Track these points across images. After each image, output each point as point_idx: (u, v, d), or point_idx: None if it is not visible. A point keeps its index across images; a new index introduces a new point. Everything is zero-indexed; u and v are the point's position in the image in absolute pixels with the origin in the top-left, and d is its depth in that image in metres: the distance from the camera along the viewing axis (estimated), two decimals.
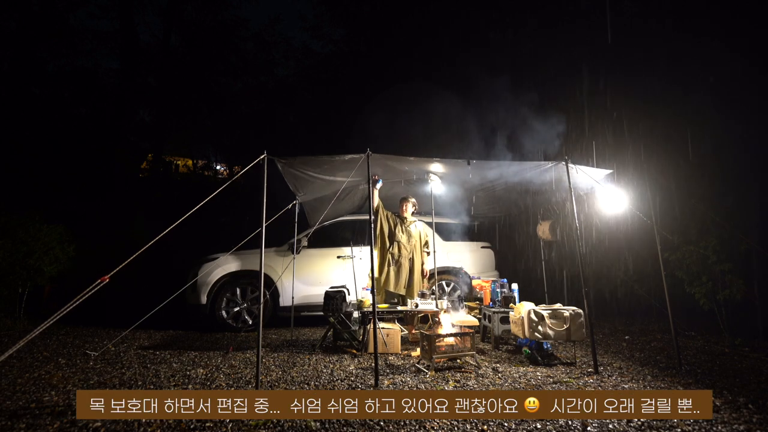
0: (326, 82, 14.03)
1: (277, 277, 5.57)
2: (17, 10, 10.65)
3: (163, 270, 7.10)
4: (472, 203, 5.87)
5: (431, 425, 2.41)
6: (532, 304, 4.05)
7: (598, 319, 6.26)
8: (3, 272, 5.52)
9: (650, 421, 2.44)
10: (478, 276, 6.09)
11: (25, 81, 10.80)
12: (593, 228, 6.40)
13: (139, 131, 13.23)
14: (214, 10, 13.51)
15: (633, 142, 6.49)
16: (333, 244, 5.93)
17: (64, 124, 10.76)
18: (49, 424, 2.43)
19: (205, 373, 3.52)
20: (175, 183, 13.15)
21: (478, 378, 3.37)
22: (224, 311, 5.55)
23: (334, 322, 4.43)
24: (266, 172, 3.47)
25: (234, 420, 2.42)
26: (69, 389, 3.07)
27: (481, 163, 4.28)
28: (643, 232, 5.37)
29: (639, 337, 5.07)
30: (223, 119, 14.27)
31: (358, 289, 5.11)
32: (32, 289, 6.00)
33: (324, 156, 3.98)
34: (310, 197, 5.28)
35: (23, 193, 8.15)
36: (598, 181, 4.35)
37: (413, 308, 4.45)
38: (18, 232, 5.67)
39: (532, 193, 5.20)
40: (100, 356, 4.09)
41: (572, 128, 7.81)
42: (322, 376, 3.42)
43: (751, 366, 3.75)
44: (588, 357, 3.99)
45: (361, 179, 4.85)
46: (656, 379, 3.34)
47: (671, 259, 4.98)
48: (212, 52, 13.53)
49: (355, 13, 14.15)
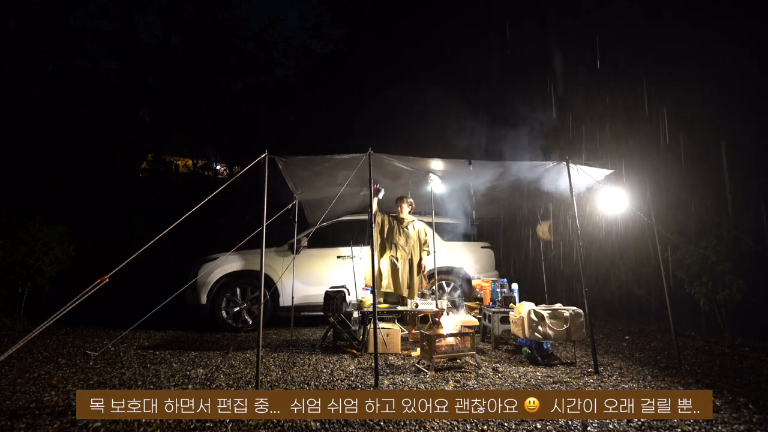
0: (326, 82, 14.03)
1: (277, 277, 5.57)
2: (17, 10, 10.65)
3: (163, 270, 7.10)
4: (472, 203, 5.86)
5: (431, 425, 2.41)
6: (532, 304, 4.05)
7: (598, 319, 6.25)
8: (3, 272, 5.52)
9: (650, 421, 2.43)
10: (478, 276, 6.09)
11: (25, 81, 10.81)
12: (593, 228, 6.40)
13: (139, 131, 13.24)
14: (214, 10, 13.53)
15: (633, 142, 6.49)
16: (333, 244, 5.93)
17: (64, 124, 10.76)
18: (49, 424, 2.43)
19: (205, 373, 3.52)
20: (175, 183, 13.15)
21: (478, 378, 3.37)
22: (224, 311, 5.55)
23: (334, 322, 4.43)
24: (267, 172, 3.47)
25: (234, 420, 2.42)
26: (69, 389, 3.07)
27: (482, 163, 4.28)
28: (643, 232, 5.37)
29: (639, 337, 5.07)
30: (223, 119, 14.28)
31: (358, 289, 5.10)
32: (32, 289, 6.00)
33: (325, 155, 3.98)
34: (309, 197, 5.28)
35: (23, 193, 8.16)
36: (599, 180, 4.35)
37: (413, 308, 4.46)
38: (18, 232, 5.68)
39: (532, 193, 5.20)
40: (100, 356, 4.09)
41: (572, 128, 7.82)
42: (322, 376, 3.42)
43: (751, 366, 3.75)
44: (588, 357, 3.99)
45: (362, 187, 4.85)
46: (656, 379, 3.33)
47: (671, 259, 4.97)
48: (212, 52, 13.54)
49: (355, 13, 14.16)
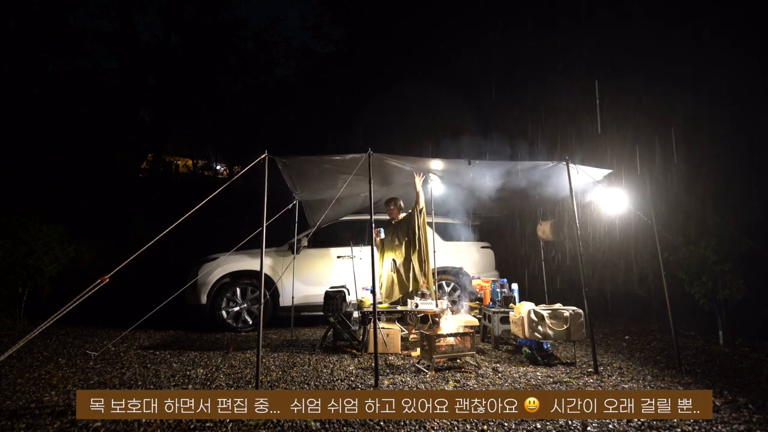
0: (326, 82, 14.03)
1: (277, 277, 5.57)
2: (17, 10, 10.65)
3: (163, 270, 7.10)
4: (472, 203, 5.86)
5: (431, 425, 2.41)
6: (532, 304, 4.05)
7: (598, 319, 6.25)
8: (3, 272, 5.52)
9: (650, 421, 2.43)
10: (478, 276, 6.09)
11: (25, 81, 10.81)
12: (593, 228, 6.40)
13: (139, 131, 13.24)
14: (214, 10, 13.54)
15: (633, 142, 6.49)
16: (333, 244, 5.93)
17: (64, 124, 10.76)
18: (49, 424, 2.43)
19: (205, 373, 3.52)
20: (175, 183, 13.14)
21: (478, 378, 3.37)
22: (224, 311, 5.55)
23: (334, 322, 4.43)
24: (267, 172, 3.47)
25: (234, 420, 2.42)
26: (69, 389, 3.07)
27: (482, 162, 4.28)
28: (643, 232, 5.37)
29: (639, 337, 5.07)
30: (223, 119, 14.28)
31: (358, 289, 5.10)
32: (32, 289, 6.00)
33: (325, 156, 3.98)
34: (309, 197, 5.27)
35: (23, 193, 8.16)
36: (598, 180, 4.35)
37: (413, 308, 4.45)
38: (18, 232, 5.68)
39: (532, 193, 5.20)
40: (100, 356, 4.09)
41: (572, 128, 7.82)
42: (322, 376, 3.42)
43: (751, 366, 3.75)
44: (588, 357, 3.99)
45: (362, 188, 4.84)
46: (656, 379, 3.33)
47: (671, 259, 4.97)
48: (212, 52, 13.55)
49: (355, 13, 14.16)
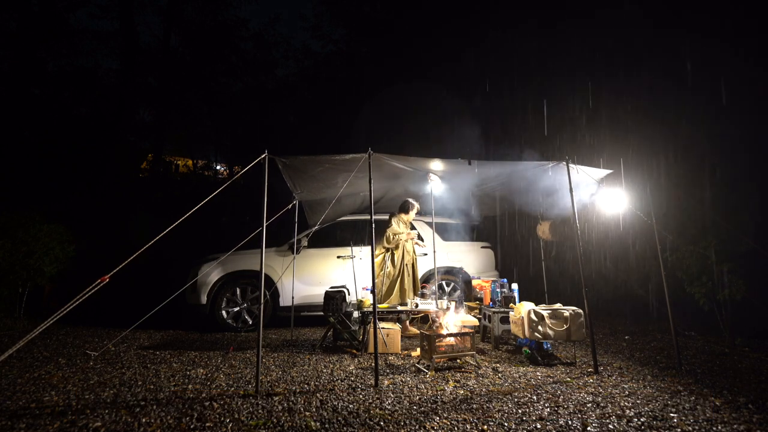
0: (326, 82, 14.03)
1: (277, 277, 5.57)
2: (17, 10, 10.65)
3: (163, 270, 7.10)
4: (472, 203, 5.86)
5: (431, 425, 2.41)
6: (532, 304, 4.05)
7: (598, 319, 6.25)
8: (3, 272, 5.52)
9: (650, 421, 2.44)
10: (478, 276, 6.09)
11: (25, 81, 10.80)
12: (593, 228, 6.39)
13: (139, 131, 13.24)
14: (214, 10, 13.54)
15: (633, 142, 6.49)
16: (333, 244, 5.93)
17: (64, 124, 10.75)
18: (49, 424, 2.43)
19: (205, 373, 3.52)
20: (175, 183, 13.16)
21: (478, 378, 3.37)
22: (224, 311, 5.54)
23: (334, 322, 4.43)
24: (267, 172, 3.47)
25: (234, 420, 2.42)
26: (69, 389, 3.07)
27: (482, 163, 4.28)
28: (643, 232, 5.36)
29: (639, 337, 5.07)
30: (223, 119, 14.29)
31: (358, 289, 5.11)
32: (32, 289, 6.01)
33: (325, 155, 3.98)
34: (309, 197, 5.27)
35: (23, 193, 8.15)
36: (598, 180, 4.35)
37: (413, 308, 4.46)
38: (18, 232, 5.67)
39: (532, 193, 5.20)
40: (100, 356, 4.09)
41: (572, 128, 7.82)
42: (322, 376, 3.42)
43: (751, 366, 3.75)
44: (588, 357, 3.99)
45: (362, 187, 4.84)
46: (656, 379, 3.34)
47: (671, 259, 4.97)
48: (212, 52, 13.55)
49: (355, 13, 14.16)
